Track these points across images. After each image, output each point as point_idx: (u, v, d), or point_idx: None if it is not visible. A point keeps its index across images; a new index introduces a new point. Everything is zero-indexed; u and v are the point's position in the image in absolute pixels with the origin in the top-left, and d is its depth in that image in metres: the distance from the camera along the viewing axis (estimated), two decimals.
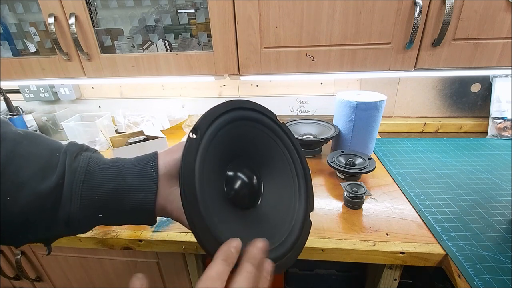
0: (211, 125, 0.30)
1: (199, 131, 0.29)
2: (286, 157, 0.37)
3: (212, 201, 0.28)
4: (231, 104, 0.33)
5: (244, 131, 0.34)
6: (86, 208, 0.27)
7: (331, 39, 0.62)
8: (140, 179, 0.29)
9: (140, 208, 0.29)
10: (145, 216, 0.30)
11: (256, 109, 0.35)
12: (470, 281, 0.43)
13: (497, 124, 0.91)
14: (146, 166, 0.30)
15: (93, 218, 0.29)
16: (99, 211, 0.28)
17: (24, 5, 0.72)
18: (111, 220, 0.30)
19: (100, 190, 0.28)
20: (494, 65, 0.62)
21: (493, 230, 0.52)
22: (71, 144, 0.30)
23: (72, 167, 0.27)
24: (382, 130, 1.01)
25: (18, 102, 1.13)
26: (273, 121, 0.37)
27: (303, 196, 0.37)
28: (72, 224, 0.27)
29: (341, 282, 0.71)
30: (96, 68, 0.72)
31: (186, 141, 0.28)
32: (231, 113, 0.32)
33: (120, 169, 0.29)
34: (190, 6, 0.70)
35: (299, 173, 0.38)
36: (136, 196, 0.29)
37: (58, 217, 0.27)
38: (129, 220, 0.31)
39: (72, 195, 0.27)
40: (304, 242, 0.35)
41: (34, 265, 0.73)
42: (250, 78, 0.94)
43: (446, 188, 0.66)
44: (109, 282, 0.72)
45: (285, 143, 0.38)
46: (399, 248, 0.50)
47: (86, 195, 0.27)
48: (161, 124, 1.06)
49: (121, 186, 0.28)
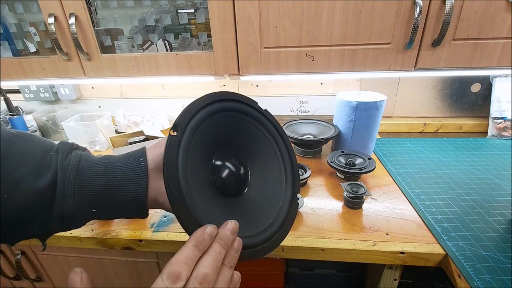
0: (191, 120, 0.31)
1: (179, 128, 0.30)
2: (270, 143, 0.38)
3: (198, 192, 0.29)
4: (210, 97, 0.34)
5: (226, 122, 0.35)
6: (79, 204, 0.28)
7: (331, 39, 0.62)
8: (130, 174, 0.30)
9: (132, 201, 0.30)
10: (138, 209, 0.31)
11: (236, 99, 0.36)
12: (470, 281, 0.43)
13: (497, 124, 0.91)
14: (135, 161, 0.31)
15: (86, 213, 0.29)
16: (92, 207, 0.29)
17: (24, 5, 0.72)
18: (105, 215, 0.31)
19: (91, 187, 0.29)
20: (494, 65, 0.62)
21: (493, 230, 0.52)
22: (62, 143, 0.30)
23: (63, 165, 0.28)
24: (382, 130, 1.01)
25: (18, 102, 1.13)
26: (255, 108, 0.38)
27: (289, 179, 0.38)
28: (66, 219, 0.28)
29: (341, 282, 0.71)
30: (96, 68, 0.72)
31: (167, 138, 0.29)
32: (212, 106, 0.33)
33: (110, 165, 0.30)
34: (190, 6, 0.70)
35: (284, 156, 0.39)
36: (127, 190, 0.30)
37: (52, 213, 0.27)
38: (122, 214, 0.32)
39: (65, 192, 0.27)
40: (291, 223, 0.36)
41: (34, 265, 0.73)
42: (250, 78, 0.94)
43: (446, 188, 0.66)
44: (109, 282, 0.72)
45: (268, 128, 0.38)
46: (399, 248, 0.50)
47: (78, 192, 0.28)
48: (161, 124, 1.06)
49: (112, 182, 0.29)
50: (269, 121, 0.39)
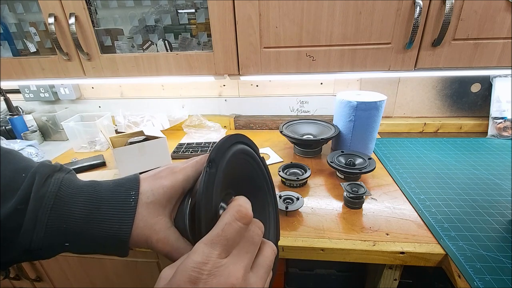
0: (223, 157, 0.30)
1: (214, 164, 0.28)
2: (266, 188, 0.40)
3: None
4: (235, 138, 0.33)
5: (241, 164, 0.35)
6: (52, 237, 0.25)
7: (331, 39, 0.62)
8: (116, 207, 0.27)
9: (113, 239, 0.27)
10: (117, 248, 0.28)
11: (248, 143, 0.36)
12: (470, 281, 0.43)
13: (497, 124, 0.91)
14: (125, 193, 0.28)
15: (58, 247, 0.26)
16: (66, 240, 0.26)
17: (24, 5, 0.72)
18: (79, 249, 0.27)
19: (69, 219, 0.25)
20: (494, 65, 0.62)
21: (493, 230, 0.52)
22: (42, 164, 0.27)
23: (40, 192, 0.25)
24: (382, 130, 1.01)
25: (18, 102, 1.13)
26: (257, 154, 0.39)
27: (273, 225, 0.39)
28: (33, 252, 0.25)
29: (341, 282, 0.71)
30: (96, 68, 0.72)
31: (203, 174, 0.26)
32: (236, 146, 0.33)
33: (95, 195, 0.27)
34: (190, 6, 0.70)
35: (270, 202, 0.40)
36: (110, 226, 0.26)
37: (15, 244, 0.24)
38: (99, 250, 0.28)
39: (36, 223, 0.24)
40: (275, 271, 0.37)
41: (34, 265, 0.73)
42: (250, 78, 0.94)
43: (446, 188, 0.66)
44: (109, 282, 0.72)
45: (264, 174, 0.40)
46: (399, 248, 0.50)
47: (53, 224, 0.25)
48: (161, 124, 1.06)
49: (94, 215, 0.26)
50: (264, 167, 0.40)
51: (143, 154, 0.75)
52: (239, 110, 1.09)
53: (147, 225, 0.28)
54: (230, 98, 1.07)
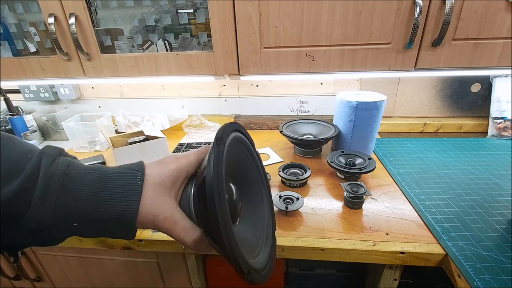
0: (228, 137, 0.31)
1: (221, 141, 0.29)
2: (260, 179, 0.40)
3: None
4: (233, 126, 0.34)
5: (236, 152, 0.36)
6: (60, 215, 0.25)
7: (331, 39, 0.62)
8: (124, 187, 0.27)
9: (121, 218, 0.27)
10: (125, 228, 0.28)
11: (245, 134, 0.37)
12: (470, 281, 0.43)
13: (497, 124, 0.91)
14: (131, 174, 0.28)
15: (66, 227, 0.26)
16: (74, 220, 0.26)
17: (24, 5, 0.72)
18: (87, 230, 0.28)
19: (78, 197, 0.25)
20: (494, 65, 0.62)
21: (493, 230, 0.52)
22: (49, 147, 0.27)
23: (49, 171, 0.25)
24: (382, 130, 1.01)
25: (18, 102, 1.13)
26: (253, 146, 0.40)
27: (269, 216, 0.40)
28: (41, 232, 0.25)
29: (341, 282, 0.71)
30: (96, 68, 0.72)
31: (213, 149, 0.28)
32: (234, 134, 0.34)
33: (102, 175, 0.27)
34: (190, 6, 0.70)
35: (264, 194, 0.41)
36: (118, 204, 0.27)
37: (23, 223, 0.24)
38: (106, 231, 0.28)
39: (45, 200, 0.24)
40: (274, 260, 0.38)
41: (34, 265, 0.73)
42: (250, 78, 0.94)
43: (446, 188, 0.66)
44: (109, 282, 0.72)
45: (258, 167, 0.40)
46: (399, 248, 0.50)
47: (62, 202, 0.25)
48: (161, 124, 1.06)
49: (102, 193, 0.26)
50: (259, 161, 0.41)
51: (143, 154, 0.75)
52: (239, 110, 1.09)
53: (154, 204, 0.28)
54: (230, 98, 1.07)
